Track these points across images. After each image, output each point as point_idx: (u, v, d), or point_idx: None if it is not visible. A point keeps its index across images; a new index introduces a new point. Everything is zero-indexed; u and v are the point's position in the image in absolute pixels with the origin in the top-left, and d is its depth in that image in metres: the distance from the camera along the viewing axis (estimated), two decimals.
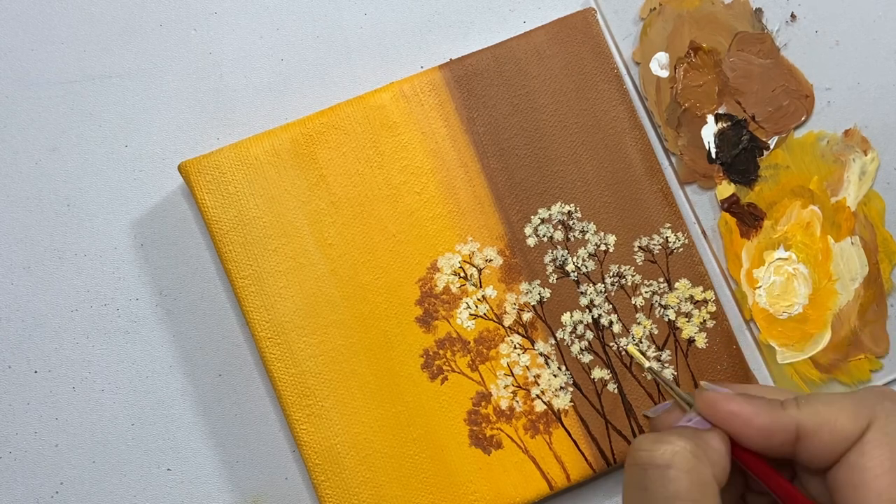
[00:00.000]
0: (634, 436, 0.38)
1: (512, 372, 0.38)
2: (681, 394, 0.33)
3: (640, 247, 0.39)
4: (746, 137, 0.40)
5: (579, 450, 0.37)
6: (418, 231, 0.38)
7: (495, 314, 0.38)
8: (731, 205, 0.40)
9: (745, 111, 0.40)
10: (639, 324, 0.38)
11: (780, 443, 0.29)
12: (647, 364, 0.37)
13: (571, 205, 0.39)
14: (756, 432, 0.30)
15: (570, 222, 0.39)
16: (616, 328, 0.38)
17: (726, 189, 0.40)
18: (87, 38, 0.40)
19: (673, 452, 0.28)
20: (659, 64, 0.41)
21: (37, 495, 0.38)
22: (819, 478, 0.30)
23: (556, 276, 0.38)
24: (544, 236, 0.39)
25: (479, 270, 0.38)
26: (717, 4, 0.41)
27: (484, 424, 0.37)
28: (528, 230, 0.38)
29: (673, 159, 0.41)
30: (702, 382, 0.32)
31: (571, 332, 0.38)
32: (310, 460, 0.37)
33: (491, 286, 0.38)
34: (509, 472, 0.37)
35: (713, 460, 0.29)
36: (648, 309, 0.38)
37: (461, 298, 0.38)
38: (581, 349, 0.38)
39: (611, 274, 0.38)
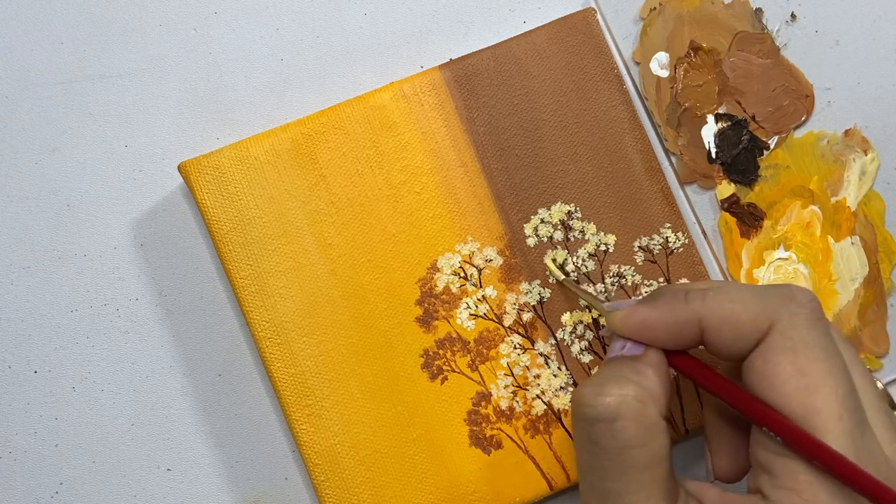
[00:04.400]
0: None
1: (512, 372, 0.38)
2: (602, 305, 0.33)
3: (640, 247, 0.39)
4: (746, 137, 0.40)
5: None
6: (418, 231, 0.38)
7: (495, 314, 0.38)
8: (731, 205, 0.40)
9: (745, 111, 0.40)
10: None
11: (690, 339, 0.29)
12: (561, 277, 0.37)
13: (571, 205, 0.39)
14: (664, 335, 0.29)
15: (570, 222, 0.39)
16: None
17: (726, 189, 0.40)
18: (87, 38, 0.40)
19: (617, 404, 0.28)
20: (659, 64, 0.41)
21: (37, 495, 0.38)
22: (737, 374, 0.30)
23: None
24: (544, 236, 0.39)
25: (479, 270, 0.38)
26: (717, 4, 0.41)
27: (484, 424, 0.37)
28: (528, 230, 0.39)
29: (673, 159, 0.41)
30: (605, 304, 0.32)
31: (571, 332, 0.38)
32: (310, 460, 0.37)
33: (491, 286, 0.38)
34: (509, 472, 0.37)
35: (655, 396, 0.28)
36: None
37: (461, 298, 0.38)
38: (581, 349, 0.38)
39: (611, 274, 0.38)
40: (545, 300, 0.38)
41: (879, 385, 0.38)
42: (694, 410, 0.38)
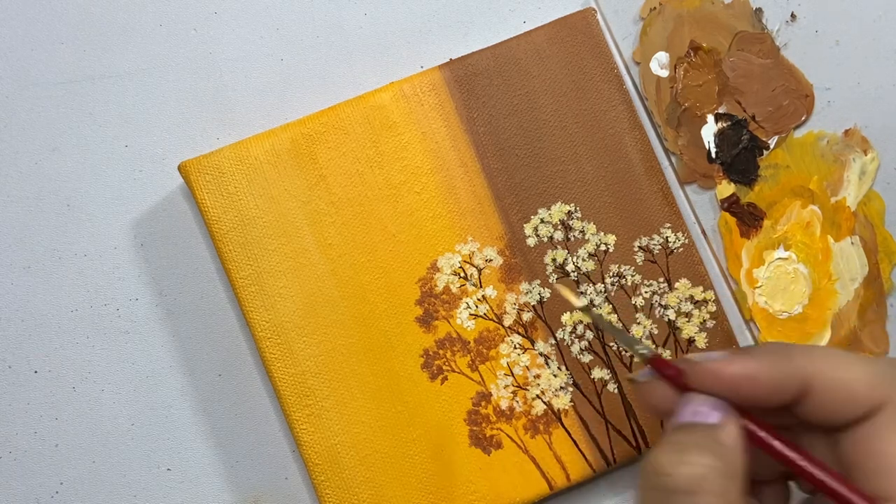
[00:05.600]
0: (634, 436, 0.38)
1: (512, 372, 0.38)
2: (631, 341, 0.31)
3: (640, 247, 0.39)
4: (746, 137, 0.40)
5: (579, 450, 0.37)
6: (418, 231, 0.38)
7: (495, 314, 0.38)
8: (731, 205, 0.40)
9: (745, 111, 0.40)
10: (639, 324, 0.38)
11: (789, 397, 0.28)
12: (578, 304, 0.30)
13: (571, 205, 0.39)
14: (764, 390, 0.27)
15: (570, 222, 0.39)
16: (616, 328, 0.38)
17: (726, 189, 0.40)
18: (87, 38, 0.40)
19: (702, 477, 0.25)
20: (659, 64, 0.41)
21: (37, 495, 0.38)
22: (820, 437, 0.29)
23: (555, 276, 0.38)
24: (544, 236, 0.39)
25: (479, 270, 0.38)
26: (717, 4, 0.41)
27: (484, 424, 0.37)
28: (527, 230, 0.39)
29: (673, 159, 0.41)
30: (688, 356, 0.29)
31: (571, 332, 0.38)
32: (310, 460, 0.37)
33: (491, 286, 0.38)
34: (509, 472, 0.37)
35: (738, 472, 0.26)
36: (648, 309, 0.38)
37: (461, 298, 0.38)
38: (581, 349, 0.38)
39: (611, 274, 0.38)
40: (545, 300, 0.38)
41: None
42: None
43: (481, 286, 0.38)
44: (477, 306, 0.38)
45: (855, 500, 0.27)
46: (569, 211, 0.39)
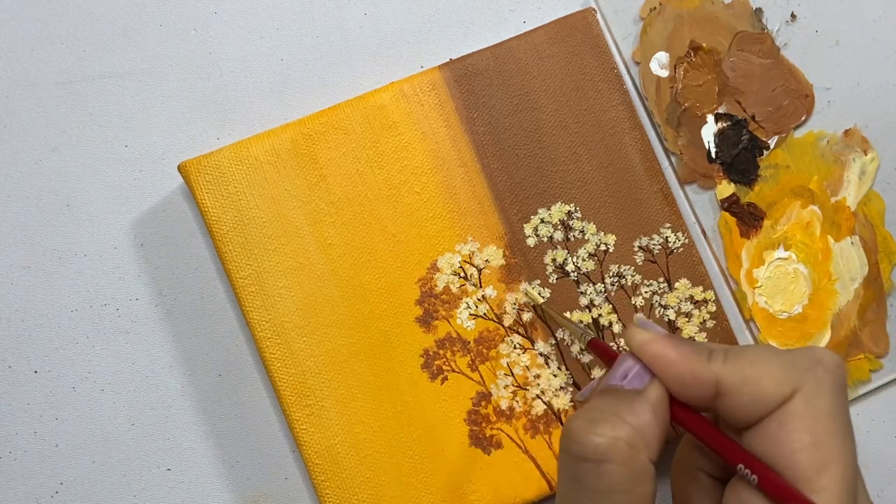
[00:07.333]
0: None
1: (512, 372, 0.38)
2: (582, 329, 0.35)
3: (640, 247, 0.39)
4: (746, 137, 0.40)
5: None
6: (418, 231, 0.38)
7: (495, 314, 0.38)
8: (731, 205, 0.40)
9: (745, 111, 0.40)
10: None
11: (699, 396, 0.28)
12: (541, 301, 0.38)
13: (571, 205, 0.39)
14: (674, 381, 0.28)
15: (570, 222, 0.39)
16: (616, 328, 0.38)
17: (726, 189, 0.40)
18: (87, 38, 0.40)
19: (608, 446, 0.27)
20: (659, 64, 0.41)
21: (37, 495, 0.38)
22: (742, 434, 0.29)
23: (555, 276, 0.38)
24: (544, 236, 0.39)
25: (479, 270, 0.38)
26: (717, 4, 0.41)
27: (484, 424, 0.37)
28: (527, 230, 0.39)
29: (673, 159, 0.41)
30: (636, 316, 0.30)
31: (571, 332, 0.38)
32: (310, 460, 0.37)
33: (491, 286, 0.38)
34: (509, 472, 0.37)
35: (648, 440, 0.27)
36: (648, 309, 0.38)
37: (461, 298, 0.38)
38: (581, 349, 0.38)
39: (611, 274, 0.38)
40: (545, 300, 0.38)
41: None
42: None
43: (481, 286, 0.38)
44: (477, 306, 0.38)
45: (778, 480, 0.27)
46: (569, 211, 0.39)
